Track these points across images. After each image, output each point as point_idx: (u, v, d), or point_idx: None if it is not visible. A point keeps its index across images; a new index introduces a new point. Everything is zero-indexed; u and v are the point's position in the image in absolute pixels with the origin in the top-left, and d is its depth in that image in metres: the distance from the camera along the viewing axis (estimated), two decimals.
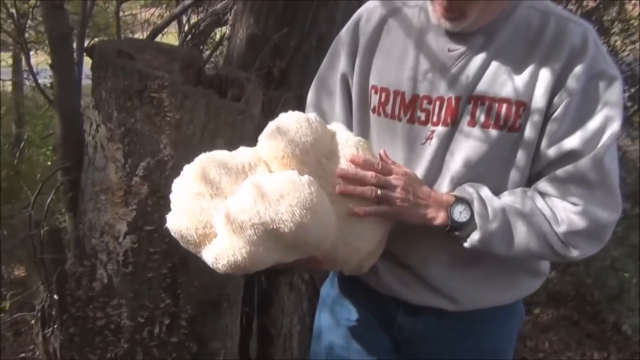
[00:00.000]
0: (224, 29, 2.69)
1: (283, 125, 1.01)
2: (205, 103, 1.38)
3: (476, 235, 1.05)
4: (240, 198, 0.93)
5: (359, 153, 1.03)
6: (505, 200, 1.06)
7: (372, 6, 1.18)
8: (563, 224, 1.04)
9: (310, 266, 1.11)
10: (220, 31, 3.00)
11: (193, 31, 2.72)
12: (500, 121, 1.04)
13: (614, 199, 1.05)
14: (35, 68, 2.35)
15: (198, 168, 0.99)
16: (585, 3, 3.25)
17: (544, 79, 1.02)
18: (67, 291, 1.54)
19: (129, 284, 1.47)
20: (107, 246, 1.47)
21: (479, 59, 1.05)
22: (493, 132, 1.05)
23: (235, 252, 0.92)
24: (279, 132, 1.00)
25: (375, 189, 1.02)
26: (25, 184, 2.86)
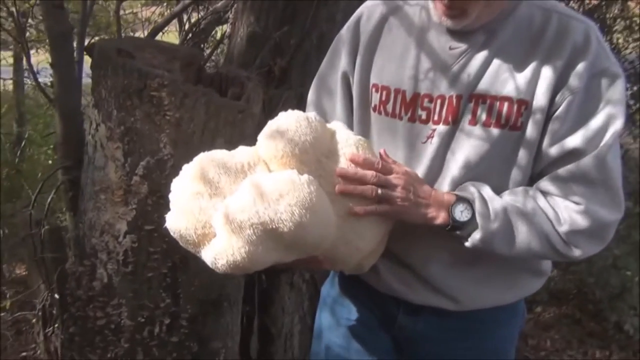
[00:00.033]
0: (225, 27, 2.69)
1: (282, 124, 1.00)
2: (206, 102, 1.37)
3: (477, 235, 1.04)
4: (239, 198, 0.92)
5: (359, 152, 1.03)
6: (507, 200, 1.05)
7: (373, 4, 1.17)
8: (565, 223, 1.03)
9: (311, 266, 1.10)
10: (221, 30, 3.00)
11: (193, 30, 2.72)
12: (502, 120, 1.03)
13: (616, 197, 1.05)
14: (35, 67, 2.35)
15: (197, 168, 0.98)
16: (587, 1, 3.23)
17: (546, 77, 1.01)
18: (67, 291, 1.54)
19: (129, 284, 1.47)
20: (107, 245, 1.46)
21: (480, 57, 1.04)
22: (494, 131, 1.04)
23: (234, 252, 0.92)
24: (279, 132, 0.99)
25: (376, 188, 1.01)
26: (26, 183, 2.86)
